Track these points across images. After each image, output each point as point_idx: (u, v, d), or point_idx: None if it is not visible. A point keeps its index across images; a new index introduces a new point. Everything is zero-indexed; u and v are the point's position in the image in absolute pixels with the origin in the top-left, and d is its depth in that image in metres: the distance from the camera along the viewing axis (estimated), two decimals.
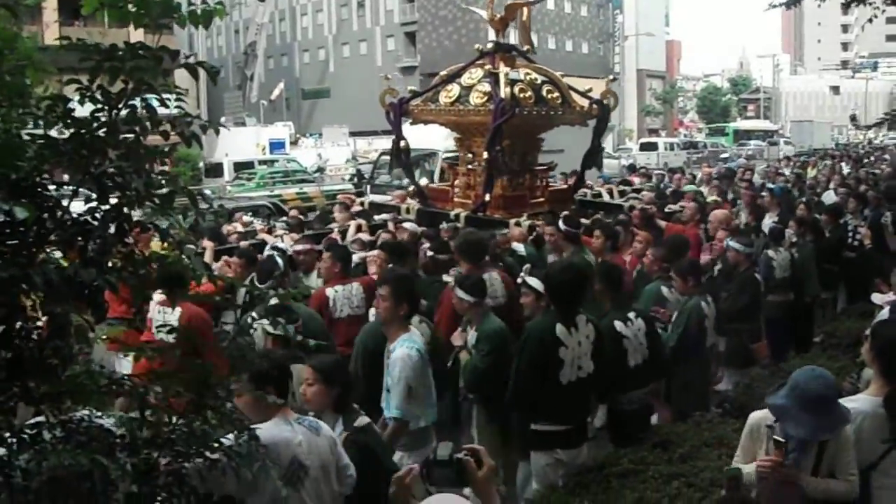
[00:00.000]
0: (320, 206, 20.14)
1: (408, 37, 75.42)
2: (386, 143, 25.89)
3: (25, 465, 2.25)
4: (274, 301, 6.69)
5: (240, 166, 37.48)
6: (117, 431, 2.67)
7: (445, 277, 8.23)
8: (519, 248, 10.17)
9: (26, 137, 2.60)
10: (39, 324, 2.59)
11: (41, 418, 2.55)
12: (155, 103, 2.82)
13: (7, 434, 2.31)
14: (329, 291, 7.96)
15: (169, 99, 2.83)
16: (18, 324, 2.52)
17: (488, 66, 12.26)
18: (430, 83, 13.58)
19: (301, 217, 14.04)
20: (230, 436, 3.00)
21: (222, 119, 60.57)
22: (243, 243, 10.61)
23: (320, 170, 41.60)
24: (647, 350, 6.82)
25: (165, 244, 2.91)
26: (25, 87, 2.87)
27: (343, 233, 11.21)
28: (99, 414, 2.73)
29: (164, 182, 2.77)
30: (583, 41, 79.21)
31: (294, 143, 52.00)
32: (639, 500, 5.13)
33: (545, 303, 6.54)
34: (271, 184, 31.70)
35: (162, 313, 6.86)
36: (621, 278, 7.31)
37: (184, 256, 2.90)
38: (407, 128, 13.18)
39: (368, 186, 22.96)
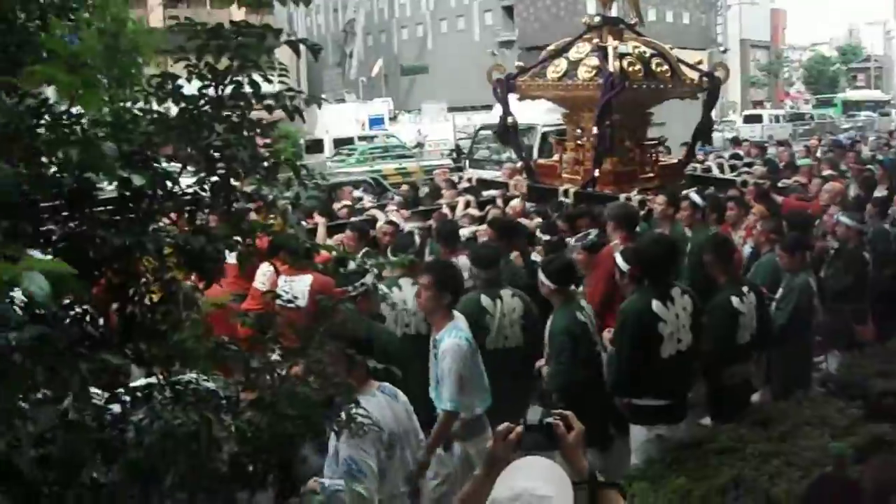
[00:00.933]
0: (419, 181, 20.29)
1: (505, 11, 74.97)
2: (484, 117, 25.98)
3: (139, 422, 2.37)
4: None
5: (340, 142, 38.00)
6: (222, 394, 2.79)
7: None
8: None
9: (137, 113, 2.73)
10: (152, 290, 2.72)
11: (152, 380, 2.69)
12: (259, 79, 2.92)
13: (121, 391, 2.44)
14: None
15: (272, 75, 2.93)
16: (132, 290, 2.66)
17: (596, 40, 12.16)
18: (528, 57, 13.56)
19: (410, 193, 14.12)
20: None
21: (322, 96, 61.30)
22: (354, 219, 10.73)
23: (419, 145, 41.89)
24: (756, 325, 6.75)
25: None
26: (137, 65, 3.01)
27: (452, 208, 11.31)
28: (205, 377, 2.85)
29: (268, 154, 2.89)
30: (684, 11, 77.43)
31: (393, 119, 52.39)
32: (736, 477, 5.10)
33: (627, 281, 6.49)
34: (371, 159, 32.08)
35: (288, 282, 6.91)
36: (732, 251, 7.23)
37: (289, 226, 2.99)
38: (519, 101, 13.18)
39: (467, 161, 23.03)
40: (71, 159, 2.36)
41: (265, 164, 2.85)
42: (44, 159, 2.54)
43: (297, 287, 6.83)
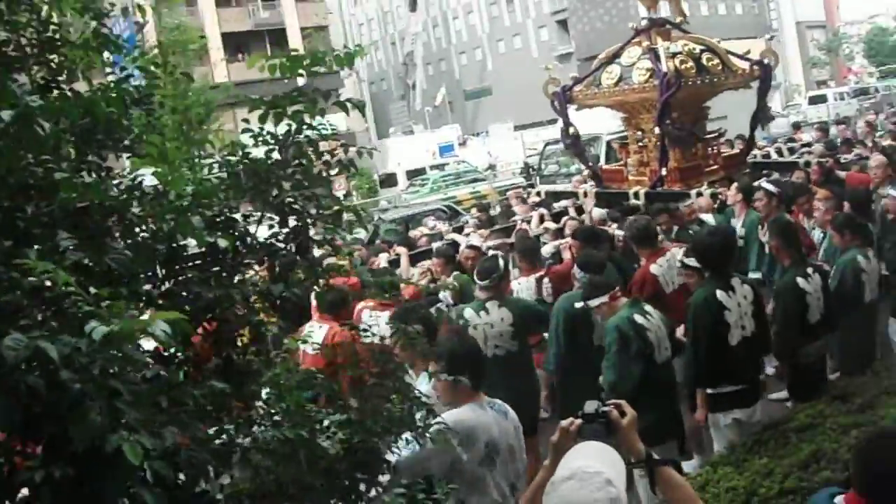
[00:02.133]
0: (494, 203, 20.64)
1: (560, 24, 75.17)
2: (551, 133, 26.21)
3: (244, 444, 2.76)
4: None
5: (412, 174, 38.61)
6: (316, 416, 3.17)
7: None
8: (707, 217, 10.14)
9: (215, 181, 3.15)
10: (243, 333, 3.13)
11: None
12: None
13: (225, 420, 2.83)
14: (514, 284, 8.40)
15: (325, 131, 3.32)
16: (226, 335, 3.06)
17: (646, 43, 12.40)
18: (587, 68, 13.81)
19: (484, 215, 14.43)
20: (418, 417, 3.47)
21: (390, 130, 62.30)
22: (435, 244, 11.08)
23: (491, 167, 42.23)
24: (823, 305, 6.91)
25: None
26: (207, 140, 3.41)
27: (527, 223, 11.61)
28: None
29: (332, 203, 3.28)
30: (736, 2, 76.63)
31: (462, 144, 52.83)
32: (815, 451, 5.25)
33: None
34: (444, 187, 32.50)
35: (374, 317, 7.31)
36: (795, 233, 7.40)
37: (355, 267, 3.37)
38: (577, 112, 13.46)
39: (537, 178, 23.29)
40: (162, 229, 2.78)
41: (330, 212, 3.24)
42: (137, 230, 2.97)
43: (383, 320, 7.23)
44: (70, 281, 1.71)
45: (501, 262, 7.53)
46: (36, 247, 2.16)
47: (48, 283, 1.81)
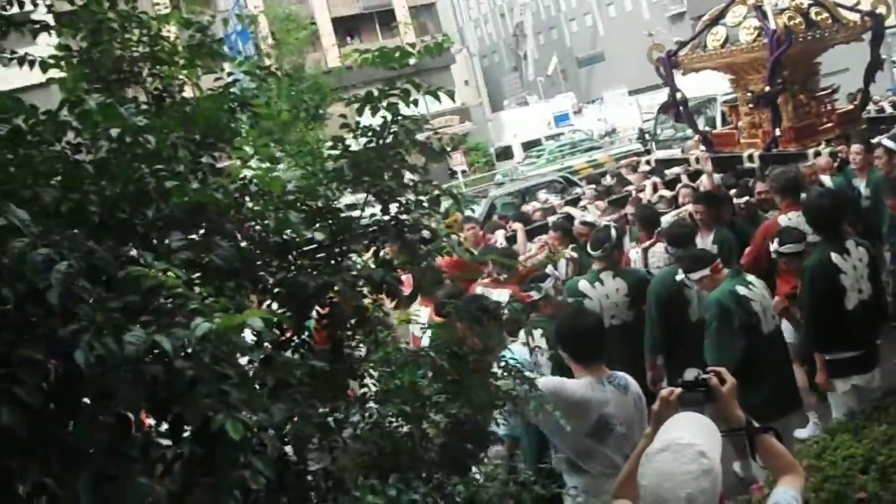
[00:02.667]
0: (612, 172, 20.56)
1: None
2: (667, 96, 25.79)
3: (356, 422, 2.97)
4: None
5: (528, 145, 38.60)
6: (425, 393, 3.36)
7: None
8: (825, 179, 9.77)
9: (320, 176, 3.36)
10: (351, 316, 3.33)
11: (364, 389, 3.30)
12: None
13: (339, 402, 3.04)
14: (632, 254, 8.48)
15: (417, 121, 3.48)
16: (336, 318, 3.27)
17: (751, 1, 12.13)
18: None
19: (599, 185, 14.38)
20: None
21: (504, 102, 62.24)
22: (550, 218, 11.15)
23: (608, 134, 41.90)
24: None
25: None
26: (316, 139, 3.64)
27: (640, 192, 11.59)
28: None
29: (429, 189, 3.45)
30: None
31: (578, 112, 52.46)
32: None
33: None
34: (560, 157, 32.44)
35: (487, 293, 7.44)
36: None
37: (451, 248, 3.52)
38: (683, 76, 13.29)
39: (653, 143, 23.05)
40: (269, 225, 3.00)
41: (427, 198, 3.41)
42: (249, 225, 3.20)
43: (496, 297, 7.39)
44: (179, 282, 1.93)
45: (614, 231, 7.56)
46: (150, 249, 2.40)
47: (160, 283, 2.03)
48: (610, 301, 7.13)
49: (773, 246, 6.62)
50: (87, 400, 2.08)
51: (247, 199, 3.16)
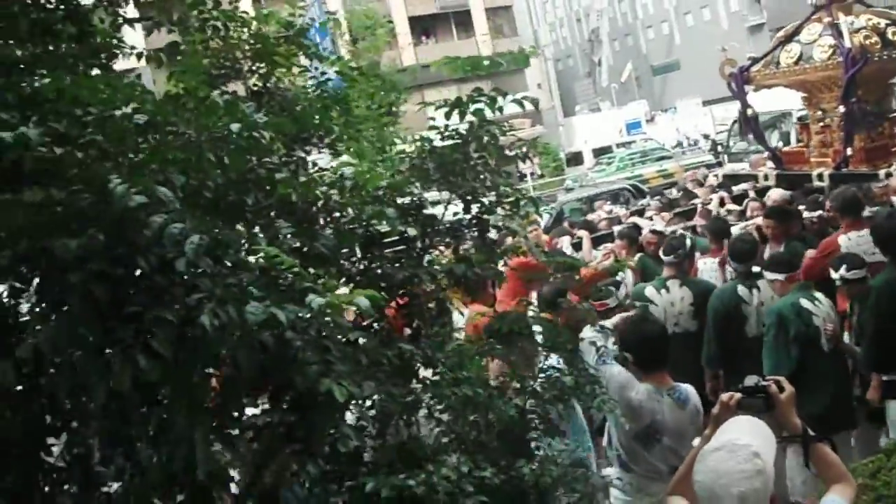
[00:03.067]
0: (685, 181, 20.51)
1: None
2: None
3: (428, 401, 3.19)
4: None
5: (599, 152, 38.48)
6: (492, 383, 3.57)
7: None
8: None
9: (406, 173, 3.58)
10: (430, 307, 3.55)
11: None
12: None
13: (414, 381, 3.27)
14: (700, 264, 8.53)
15: (502, 127, 3.68)
16: (416, 308, 3.49)
17: (827, 19, 12.07)
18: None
19: (664, 197, 14.43)
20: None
21: (576, 107, 62.10)
22: (616, 228, 11.26)
23: (679, 144, 41.60)
24: None
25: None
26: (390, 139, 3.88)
27: (705, 206, 11.61)
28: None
29: (510, 192, 3.65)
30: None
31: (650, 120, 52.09)
32: None
33: None
34: (631, 165, 32.32)
35: None
36: None
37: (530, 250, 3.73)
38: (755, 92, 13.27)
39: (725, 156, 22.90)
40: (361, 217, 3.23)
41: (508, 199, 3.62)
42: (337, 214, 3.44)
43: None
44: (294, 263, 2.17)
45: (689, 241, 7.68)
46: (259, 234, 2.65)
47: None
48: (675, 309, 7.24)
49: (838, 273, 6.65)
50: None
51: (334, 192, 3.39)
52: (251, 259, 2.39)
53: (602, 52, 66.17)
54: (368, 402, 2.89)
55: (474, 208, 3.63)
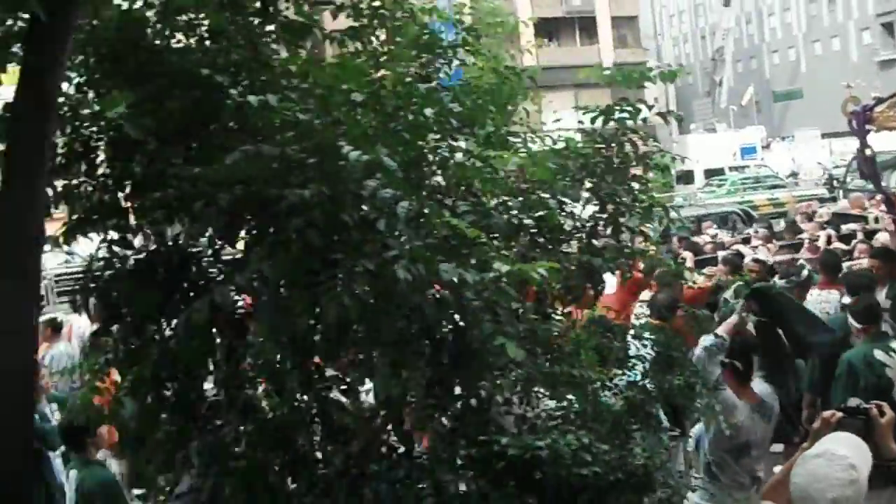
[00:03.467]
0: (794, 213, 20.31)
1: (884, 28, 70.50)
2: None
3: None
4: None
5: (710, 173, 38.01)
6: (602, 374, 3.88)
7: None
8: None
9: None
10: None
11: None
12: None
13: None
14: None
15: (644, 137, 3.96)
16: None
17: None
18: None
19: (769, 228, 14.46)
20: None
21: (692, 126, 61.36)
22: (720, 253, 11.39)
23: (793, 174, 40.85)
24: None
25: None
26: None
27: (813, 241, 11.63)
28: None
29: (644, 198, 3.94)
30: None
31: (766, 147, 51.16)
32: None
33: None
34: (742, 190, 31.89)
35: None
36: None
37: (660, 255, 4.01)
38: (876, 133, 13.13)
39: (840, 191, 22.54)
40: (528, 205, 3.56)
41: (642, 205, 3.90)
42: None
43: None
44: (478, 234, 2.51)
45: (806, 272, 7.80)
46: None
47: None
48: None
49: None
50: None
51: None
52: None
53: (724, 73, 64.96)
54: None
55: (609, 208, 3.92)
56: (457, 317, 2.63)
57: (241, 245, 3.21)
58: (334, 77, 2.73)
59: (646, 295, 7.66)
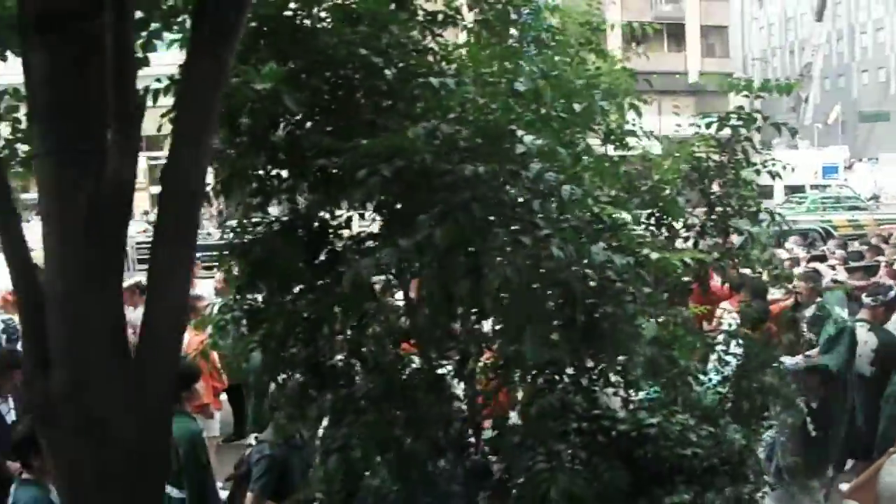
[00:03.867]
0: (871, 235, 20.08)
1: None
2: None
3: None
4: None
5: (791, 190, 37.58)
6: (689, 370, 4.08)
7: None
8: None
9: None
10: None
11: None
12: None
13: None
14: None
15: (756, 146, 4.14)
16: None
17: None
18: None
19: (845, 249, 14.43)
20: None
21: (774, 141, 60.59)
22: (796, 270, 11.44)
23: (875, 197, 40.18)
24: None
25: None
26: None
27: (890, 265, 11.61)
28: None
29: (752, 203, 4.12)
30: None
31: (848, 167, 50.32)
32: None
33: None
34: (822, 209, 31.51)
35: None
36: None
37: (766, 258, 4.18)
38: None
39: None
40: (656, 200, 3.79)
41: (751, 210, 4.09)
42: None
43: None
44: (628, 220, 2.74)
45: (893, 293, 7.91)
46: None
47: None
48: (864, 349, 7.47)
49: None
50: None
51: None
52: None
53: (811, 89, 63.98)
54: None
55: (718, 210, 4.12)
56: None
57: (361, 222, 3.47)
58: (494, 65, 2.96)
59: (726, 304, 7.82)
